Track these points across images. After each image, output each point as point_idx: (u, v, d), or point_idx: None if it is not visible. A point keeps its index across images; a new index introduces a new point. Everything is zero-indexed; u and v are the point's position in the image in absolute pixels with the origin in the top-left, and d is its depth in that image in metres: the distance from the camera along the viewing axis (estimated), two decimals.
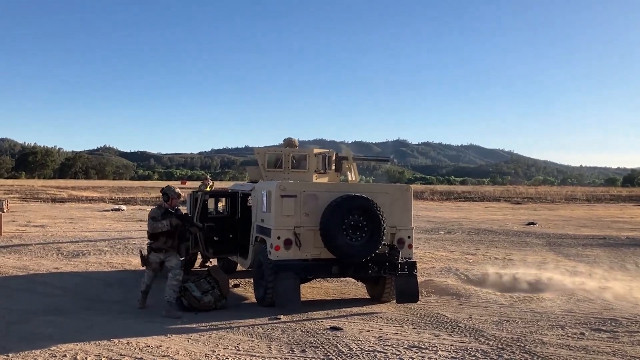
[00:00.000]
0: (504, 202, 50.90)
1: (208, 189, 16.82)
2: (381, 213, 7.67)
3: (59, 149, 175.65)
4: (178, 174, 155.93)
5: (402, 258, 7.93)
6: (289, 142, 9.94)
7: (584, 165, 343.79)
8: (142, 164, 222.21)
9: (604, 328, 7.03)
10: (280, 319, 7.18)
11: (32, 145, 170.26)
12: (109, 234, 17.65)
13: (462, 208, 42.08)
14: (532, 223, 26.60)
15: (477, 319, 7.43)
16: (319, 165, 9.62)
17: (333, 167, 9.90)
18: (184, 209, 8.83)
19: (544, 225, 26.14)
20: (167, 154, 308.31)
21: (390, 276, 8.03)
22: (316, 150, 9.71)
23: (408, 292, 8.00)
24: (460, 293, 8.99)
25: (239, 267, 10.44)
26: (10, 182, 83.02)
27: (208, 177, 21.10)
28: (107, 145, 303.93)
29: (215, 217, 9.51)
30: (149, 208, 36.27)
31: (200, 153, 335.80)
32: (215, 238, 9.22)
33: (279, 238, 7.60)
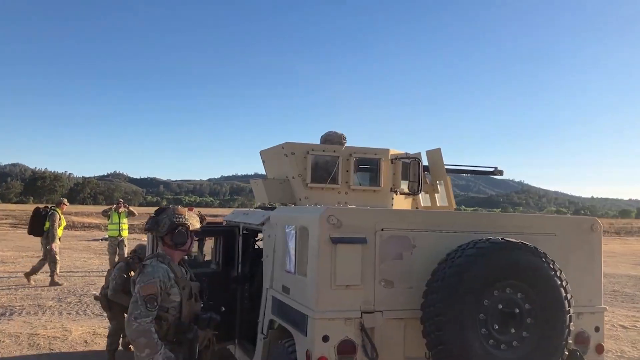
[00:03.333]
0: None
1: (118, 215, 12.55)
2: (563, 282, 3.37)
3: (69, 174, 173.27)
4: (187, 201, 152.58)
5: None
6: (328, 137, 5.35)
7: (595, 197, 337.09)
8: (152, 190, 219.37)
9: None
10: None
11: (43, 170, 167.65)
12: (70, 277, 13.35)
13: None
14: None
15: None
16: (399, 180, 5.25)
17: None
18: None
19: None
20: (176, 181, 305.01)
21: None
22: (393, 152, 5.35)
23: None
24: None
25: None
26: (14, 206, 78.96)
27: (121, 200, 13.90)
28: (117, 171, 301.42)
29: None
30: (145, 237, 32.35)
31: (209, 179, 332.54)
32: None
33: (325, 339, 3.30)
